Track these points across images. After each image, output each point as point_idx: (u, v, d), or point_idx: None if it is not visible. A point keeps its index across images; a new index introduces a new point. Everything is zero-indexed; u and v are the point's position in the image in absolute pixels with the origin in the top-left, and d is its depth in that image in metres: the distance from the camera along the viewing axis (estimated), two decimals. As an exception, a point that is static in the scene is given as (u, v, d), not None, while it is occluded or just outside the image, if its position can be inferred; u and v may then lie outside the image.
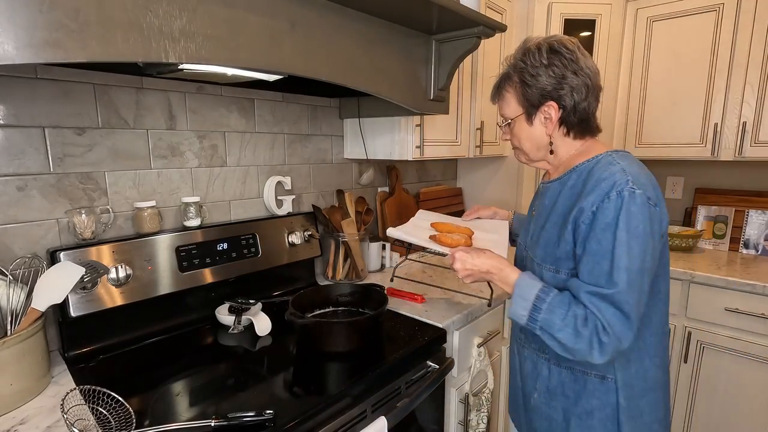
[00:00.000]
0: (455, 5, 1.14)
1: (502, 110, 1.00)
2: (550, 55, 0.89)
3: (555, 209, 0.93)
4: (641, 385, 0.89)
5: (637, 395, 0.89)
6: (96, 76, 1.13)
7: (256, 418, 0.83)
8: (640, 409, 0.89)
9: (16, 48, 0.61)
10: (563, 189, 0.94)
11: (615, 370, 0.89)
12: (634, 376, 0.89)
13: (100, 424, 0.81)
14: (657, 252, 0.83)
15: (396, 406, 1.07)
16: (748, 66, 1.83)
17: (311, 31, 1.00)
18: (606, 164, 0.87)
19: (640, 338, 0.88)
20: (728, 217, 2.13)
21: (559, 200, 0.93)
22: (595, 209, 0.81)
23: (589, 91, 0.92)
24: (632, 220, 0.78)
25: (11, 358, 0.87)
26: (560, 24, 2.00)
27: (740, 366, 1.72)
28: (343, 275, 1.67)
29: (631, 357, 0.89)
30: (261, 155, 1.53)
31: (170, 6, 0.76)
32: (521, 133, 0.97)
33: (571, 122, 0.93)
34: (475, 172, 2.39)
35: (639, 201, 0.78)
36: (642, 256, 0.79)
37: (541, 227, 0.96)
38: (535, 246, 0.97)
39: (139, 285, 1.15)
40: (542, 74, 0.90)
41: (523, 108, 0.95)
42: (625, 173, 0.82)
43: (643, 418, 0.89)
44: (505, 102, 0.98)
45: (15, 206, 1.04)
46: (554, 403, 0.96)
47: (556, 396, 0.95)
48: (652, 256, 0.81)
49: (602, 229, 0.80)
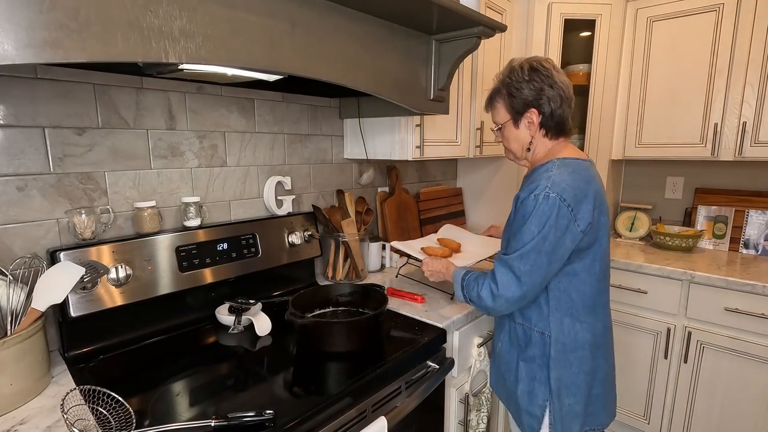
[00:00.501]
0: (455, 5, 1.14)
1: (494, 118, 1.22)
2: (531, 72, 1.11)
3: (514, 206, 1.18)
4: (571, 344, 1.13)
5: (567, 350, 1.13)
6: (96, 76, 1.13)
7: (256, 418, 0.83)
8: (569, 362, 1.13)
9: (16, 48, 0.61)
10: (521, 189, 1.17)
11: (551, 329, 1.13)
12: (565, 335, 1.13)
13: (100, 424, 0.81)
14: (569, 242, 1.06)
15: (396, 406, 1.07)
16: (748, 66, 1.83)
17: (311, 31, 1.00)
18: (543, 171, 1.10)
19: (573, 307, 1.12)
20: (728, 217, 2.13)
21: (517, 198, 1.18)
22: (520, 203, 1.08)
23: (563, 100, 1.12)
24: (542, 215, 1.03)
25: (11, 358, 0.87)
26: (560, 24, 2.00)
27: (740, 366, 1.72)
28: (343, 275, 1.67)
29: (564, 321, 1.12)
30: (261, 155, 1.53)
31: (170, 6, 0.76)
32: (510, 135, 1.20)
33: (549, 125, 1.14)
34: (475, 172, 2.39)
35: (551, 202, 1.03)
36: (540, 240, 1.03)
37: (509, 224, 1.18)
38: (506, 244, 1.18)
39: (139, 285, 1.15)
40: (524, 87, 1.11)
41: (511, 115, 1.17)
42: (548, 180, 1.06)
43: (572, 368, 1.13)
44: (496, 111, 1.20)
45: (15, 206, 1.04)
46: (512, 350, 1.22)
47: (513, 345, 1.21)
48: (557, 244, 1.04)
49: (520, 218, 1.07)
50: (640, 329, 1.96)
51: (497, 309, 1.11)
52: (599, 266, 1.13)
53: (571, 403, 1.14)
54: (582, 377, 1.14)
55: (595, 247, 1.11)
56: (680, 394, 1.88)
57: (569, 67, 2.19)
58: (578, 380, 1.14)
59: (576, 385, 1.14)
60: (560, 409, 1.14)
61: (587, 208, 1.06)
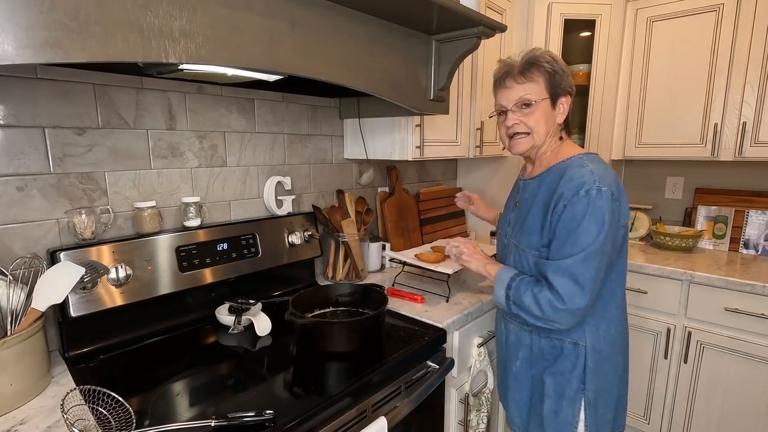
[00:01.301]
0: (455, 5, 1.14)
1: (526, 91, 1.06)
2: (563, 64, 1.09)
3: (535, 203, 1.09)
4: (607, 350, 1.07)
5: (603, 358, 1.07)
6: (96, 76, 1.13)
7: (256, 418, 0.83)
8: (605, 370, 1.07)
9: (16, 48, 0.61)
10: (541, 185, 1.09)
11: (585, 338, 1.06)
12: (601, 342, 1.06)
13: (100, 424, 0.81)
14: (618, 238, 1.02)
15: (396, 406, 1.07)
16: (748, 66, 1.83)
17: (311, 31, 1.00)
18: (577, 166, 1.03)
19: (607, 310, 1.07)
20: (728, 217, 2.13)
21: (539, 195, 1.09)
22: (566, 203, 0.98)
23: None
24: (597, 212, 0.95)
25: (11, 358, 0.87)
26: (560, 24, 2.00)
27: (740, 366, 1.72)
28: (343, 275, 1.67)
29: (599, 327, 1.06)
30: (261, 155, 1.53)
31: (170, 6, 0.76)
32: (542, 115, 1.07)
33: (567, 119, 1.13)
34: (475, 172, 2.39)
35: (604, 197, 0.96)
36: (602, 240, 0.96)
37: (524, 218, 1.12)
38: (519, 234, 1.12)
39: (139, 285, 1.15)
40: (563, 73, 1.07)
41: (549, 94, 1.07)
42: (593, 174, 0.98)
43: (607, 376, 1.08)
44: (534, 83, 1.06)
45: (15, 206, 1.04)
46: (535, 366, 1.14)
47: (536, 360, 1.13)
48: (613, 242, 0.99)
49: (570, 219, 0.98)
50: (640, 329, 1.96)
51: (558, 322, 1.01)
52: (623, 263, 1.09)
53: (604, 412, 1.09)
54: (615, 383, 1.09)
55: (625, 243, 1.07)
56: (680, 394, 1.88)
57: (569, 67, 2.17)
58: (612, 388, 1.09)
59: (610, 393, 1.09)
60: (595, 421, 1.07)
61: (626, 203, 1.03)
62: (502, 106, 1.11)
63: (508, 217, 1.22)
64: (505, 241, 1.20)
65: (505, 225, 1.23)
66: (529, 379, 1.16)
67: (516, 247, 1.13)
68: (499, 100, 1.12)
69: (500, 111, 1.13)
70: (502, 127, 1.14)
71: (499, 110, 1.13)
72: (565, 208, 0.98)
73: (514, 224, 1.16)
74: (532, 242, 1.07)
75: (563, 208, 0.99)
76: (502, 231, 1.25)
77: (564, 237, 0.98)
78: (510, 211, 1.22)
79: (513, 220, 1.18)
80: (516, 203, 1.19)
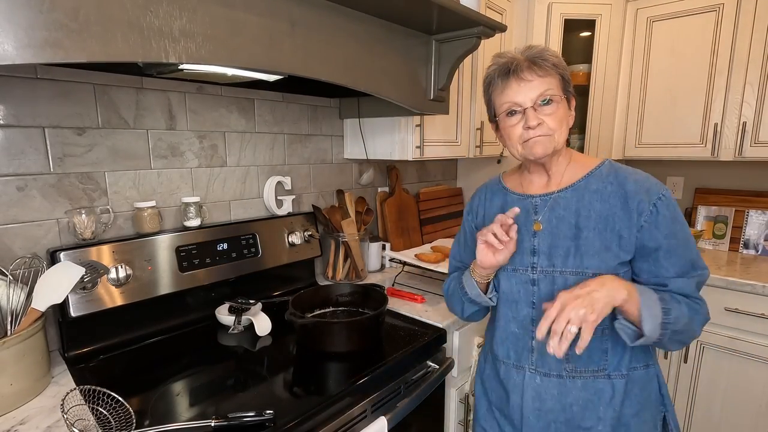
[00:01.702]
0: (455, 5, 1.14)
1: (548, 86, 0.88)
2: None
3: (590, 216, 0.90)
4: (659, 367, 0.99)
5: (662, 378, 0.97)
6: (96, 76, 1.13)
7: (256, 418, 0.83)
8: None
9: (16, 48, 0.61)
10: (584, 194, 0.92)
11: (653, 358, 0.96)
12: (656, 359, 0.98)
13: (100, 424, 0.81)
14: None
15: (396, 406, 1.07)
16: (748, 66, 1.83)
17: (311, 31, 1.00)
18: (624, 167, 0.93)
19: None
20: (728, 217, 2.13)
21: (594, 205, 0.90)
22: (653, 208, 0.86)
23: None
24: (680, 212, 0.89)
25: (11, 358, 0.87)
26: (560, 24, 2.00)
27: (740, 366, 1.72)
28: (343, 275, 1.67)
29: None
30: (261, 155, 1.53)
31: (170, 6, 0.76)
32: (564, 116, 0.90)
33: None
34: (475, 172, 2.39)
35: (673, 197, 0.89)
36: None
37: (571, 238, 0.90)
38: (568, 258, 0.90)
39: (139, 285, 1.15)
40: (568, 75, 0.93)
41: (563, 93, 0.91)
42: (647, 176, 0.91)
43: None
44: (553, 78, 0.89)
45: (15, 206, 1.04)
46: (642, 409, 0.92)
47: (646, 402, 0.92)
48: None
49: (671, 223, 0.86)
50: (640, 329, 1.96)
51: None
52: None
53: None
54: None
55: None
56: (680, 394, 1.88)
57: (569, 67, 2.18)
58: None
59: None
60: None
61: None
62: (517, 103, 0.89)
63: (524, 245, 0.95)
64: (533, 276, 0.93)
65: (523, 256, 0.95)
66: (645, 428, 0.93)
67: (564, 273, 0.91)
68: (512, 97, 0.89)
69: (512, 110, 0.90)
70: (514, 130, 0.90)
71: (509, 109, 0.90)
72: (658, 212, 0.86)
73: (549, 250, 0.92)
74: (602, 262, 0.88)
75: (655, 214, 0.86)
76: (519, 265, 0.95)
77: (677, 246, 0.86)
78: (530, 237, 0.95)
79: (543, 246, 0.93)
80: (538, 225, 0.94)
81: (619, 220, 0.88)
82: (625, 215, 0.87)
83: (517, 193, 0.99)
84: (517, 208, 0.91)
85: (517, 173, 1.04)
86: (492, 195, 1.05)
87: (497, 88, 0.92)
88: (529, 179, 1.00)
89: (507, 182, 1.04)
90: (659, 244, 0.86)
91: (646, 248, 0.87)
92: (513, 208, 0.91)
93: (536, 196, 0.96)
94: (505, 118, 0.92)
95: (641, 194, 0.87)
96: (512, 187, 1.02)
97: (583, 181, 0.93)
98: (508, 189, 1.02)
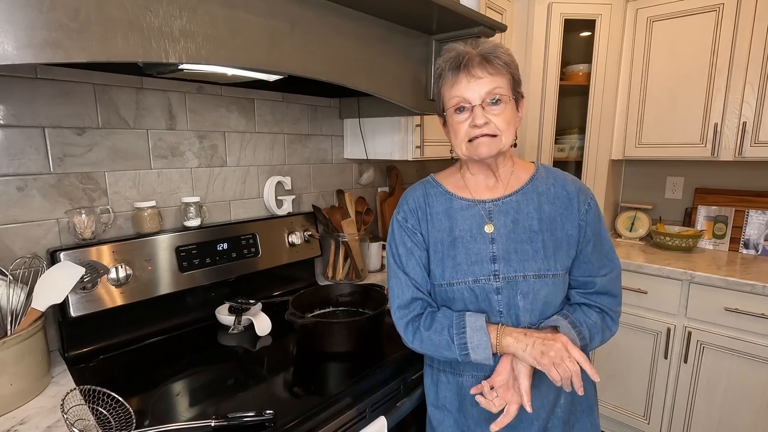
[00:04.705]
0: (455, 5, 1.14)
1: (497, 84, 0.85)
2: None
3: (542, 218, 0.91)
4: None
5: None
6: (96, 76, 1.13)
7: (256, 418, 0.83)
8: None
9: (16, 48, 0.61)
10: (533, 197, 0.92)
11: None
12: None
13: (100, 424, 0.81)
14: None
15: (396, 406, 1.07)
16: (748, 66, 1.83)
17: (311, 31, 1.00)
18: (554, 169, 0.98)
19: None
20: (728, 217, 2.13)
21: (543, 207, 0.92)
22: (587, 206, 0.92)
23: None
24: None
25: (11, 358, 0.87)
26: (560, 24, 2.00)
27: (740, 366, 1.72)
28: (343, 275, 1.67)
29: None
30: (261, 155, 1.53)
31: (170, 6, 0.76)
32: (511, 117, 0.88)
33: None
34: (475, 172, 2.38)
35: None
36: None
37: (528, 241, 0.90)
38: (532, 260, 0.89)
39: (139, 285, 1.15)
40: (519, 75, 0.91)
41: (512, 93, 0.89)
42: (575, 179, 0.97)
43: None
44: (503, 77, 0.86)
45: (15, 206, 1.04)
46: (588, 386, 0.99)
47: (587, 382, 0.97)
48: None
49: (597, 220, 0.93)
50: (640, 329, 1.96)
51: None
52: None
53: None
54: None
55: None
56: (680, 394, 1.88)
57: (569, 67, 2.19)
58: None
59: None
60: None
61: None
62: (466, 99, 0.86)
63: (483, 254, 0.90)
64: (496, 284, 0.89)
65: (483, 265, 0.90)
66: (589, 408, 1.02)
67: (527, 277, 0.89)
68: (461, 92, 0.86)
69: (460, 106, 0.87)
70: (461, 126, 0.88)
71: (458, 104, 0.87)
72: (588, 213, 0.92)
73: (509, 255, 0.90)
74: (559, 262, 0.90)
75: (586, 214, 0.92)
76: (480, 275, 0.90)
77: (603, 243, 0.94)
78: (487, 244, 0.91)
79: (501, 252, 0.90)
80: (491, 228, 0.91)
81: (566, 219, 0.92)
82: (570, 214, 0.92)
83: (465, 198, 0.95)
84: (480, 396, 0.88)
85: (457, 174, 0.99)
86: (431, 198, 0.97)
87: (447, 82, 0.89)
88: (474, 181, 0.96)
89: (445, 184, 0.98)
90: (589, 239, 0.92)
91: (580, 244, 0.93)
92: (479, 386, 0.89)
93: (488, 201, 0.93)
94: (453, 113, 0.89)
95: (581, 194, 0.93)
96: (454, 189, 0.96)
97: (530, 183, 0.94)
98: (450, 192, 0.96)
